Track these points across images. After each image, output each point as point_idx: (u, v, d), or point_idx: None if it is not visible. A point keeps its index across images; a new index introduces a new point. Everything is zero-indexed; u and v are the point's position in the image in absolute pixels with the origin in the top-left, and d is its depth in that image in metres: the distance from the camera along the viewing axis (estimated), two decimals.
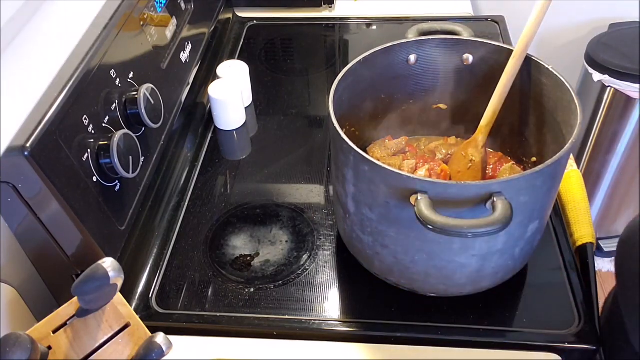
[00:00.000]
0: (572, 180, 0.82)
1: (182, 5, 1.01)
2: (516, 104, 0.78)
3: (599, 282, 0.75)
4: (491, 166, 0.82)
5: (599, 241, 1.86)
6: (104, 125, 0.72)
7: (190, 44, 1.01)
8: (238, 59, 1.14)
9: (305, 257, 0.80)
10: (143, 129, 0.80)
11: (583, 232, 0.79)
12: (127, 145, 0.72)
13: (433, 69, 0.82)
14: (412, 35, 0.80)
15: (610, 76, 1.52)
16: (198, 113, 1.04)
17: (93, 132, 0.69)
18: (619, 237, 0.66)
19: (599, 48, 1.55)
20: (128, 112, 0.77)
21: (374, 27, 1.27)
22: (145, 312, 0.75)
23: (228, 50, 1.19)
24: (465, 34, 0.80)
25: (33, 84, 0.67)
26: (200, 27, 1.07)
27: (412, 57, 0.80)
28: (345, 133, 0.65)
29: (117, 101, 0.75)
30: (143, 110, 0.77)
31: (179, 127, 0.96)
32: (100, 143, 0.70)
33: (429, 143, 0.87)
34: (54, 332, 0.55)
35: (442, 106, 0.86)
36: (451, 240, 0.64)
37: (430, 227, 0.57)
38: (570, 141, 0.63)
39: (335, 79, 0.72)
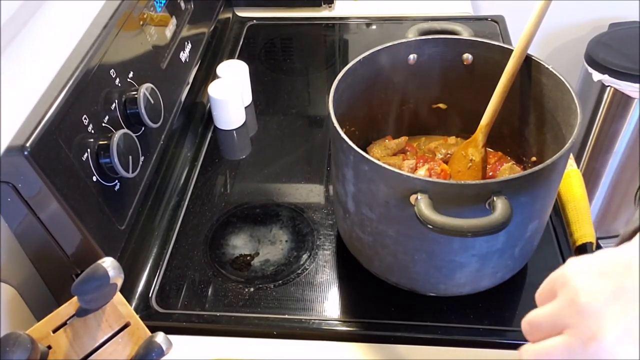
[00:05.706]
0: (572, 180, 0.82)
1: (182, 4, 1.00)
2: (516, 104, 0.78)
3: None
4: (491, 166, 0.82)
5: (599, 241, 1.85)
6: (103, 124, 0.71)
7: (190, 44, 1.01)
8: (238, 58, 1.14)
9: (305, 256, 0.80)
10: (143, 128, 0.80)
11: (583, 231, 0.79)
12: (126, 145, 0.72)
13: (433, 69, 0.82)
14: (412, 35, 0.80)
15: (610, 76, 1.52)
16: (198, 113, 1.04)
17: (93, 131, 0.69)
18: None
19: (599, 48, 1.55)
20: (128, 111, 0.77)
21: (374, 27, 1.27)
22: (145, 311, 0.75)
23: (228, 50, 1.19)
24: (465, 34, 0.80)
25: (33, 83, 0.67)
26: (200, 27, 1.07)
27: (412, 57, 0.80)
28: (345, 133, 0.65)
29: (116, 101, 0.75)
30: (143, 110, 0.77)
31: (178, 127, 0.96)
32: (100, 143, 0.69)
33: (428, 143, 0.87)
34: (54, 331, 0.55)
35: (442, 106, 0.86)
36: (451, 240, 0.64)
37: (430, 227, 0.57)
38: (570, 141, 0.63)
39: (335, 78, 0.72)
